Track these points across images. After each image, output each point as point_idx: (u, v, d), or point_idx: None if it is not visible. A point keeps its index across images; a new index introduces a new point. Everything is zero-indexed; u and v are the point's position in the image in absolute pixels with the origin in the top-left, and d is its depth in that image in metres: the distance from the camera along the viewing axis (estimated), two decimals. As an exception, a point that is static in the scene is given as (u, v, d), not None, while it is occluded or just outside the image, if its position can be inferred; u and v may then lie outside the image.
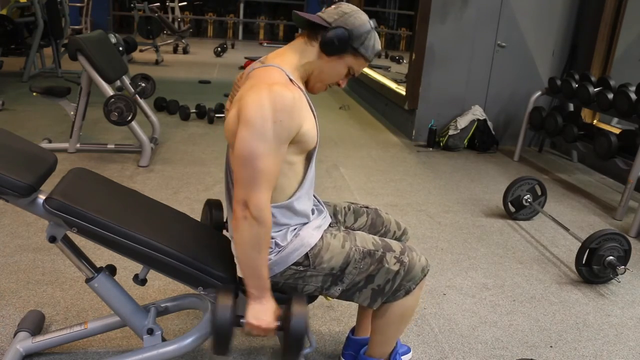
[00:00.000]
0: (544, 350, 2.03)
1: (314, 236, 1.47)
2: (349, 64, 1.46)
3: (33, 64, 6.87)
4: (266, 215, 1.31)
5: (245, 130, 1.29)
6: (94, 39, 3.81)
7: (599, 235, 2.50)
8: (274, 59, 1.43)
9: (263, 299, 1.37)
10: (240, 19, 15.24)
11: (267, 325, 1.37)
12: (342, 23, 1.40)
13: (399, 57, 9.81)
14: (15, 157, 1.46)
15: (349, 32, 1.40)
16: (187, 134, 4.75)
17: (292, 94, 1.31)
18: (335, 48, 1.41)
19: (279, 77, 1.36)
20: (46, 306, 2.05)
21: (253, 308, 1.37)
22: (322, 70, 1.45)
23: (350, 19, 1.41)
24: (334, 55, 1.43)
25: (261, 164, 1.28)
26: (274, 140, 1.29)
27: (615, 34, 4.44)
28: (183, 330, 1.96)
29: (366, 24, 1.43)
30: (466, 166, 4.41)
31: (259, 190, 1.29)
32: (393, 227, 1.76)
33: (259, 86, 1.31)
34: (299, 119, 1.32)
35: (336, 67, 1.46)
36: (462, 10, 4.74)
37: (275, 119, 1.27)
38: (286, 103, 1.29)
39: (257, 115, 1.27)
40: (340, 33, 1.39)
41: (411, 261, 1.51)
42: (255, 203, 1.29)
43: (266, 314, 1.37)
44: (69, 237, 1.53)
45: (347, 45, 1.41)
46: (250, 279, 1.36)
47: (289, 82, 1.37)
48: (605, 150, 3.57)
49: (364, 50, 1.44)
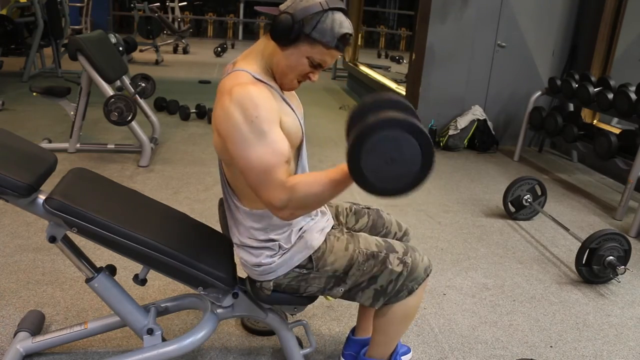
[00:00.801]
0: (544, 350, 2.03)
1: (318, 239, 1.47)
2: (305, 53, 1.32)
3: (33, 64, 6.87)
4: (287, 197, 1.24)
5: (231, 145, 1.27)
6: (94, 39, 3.81)
7: (599, 235, 2.50)
8: (241, 62, 1.40)
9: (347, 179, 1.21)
10: (240, 19, 15.24)
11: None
12: (289, 9, 1.29)
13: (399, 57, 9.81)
14: (15, 157, 1.46)
15: (292, 16, 1.27)
16: (187, 134, 4.75)
17: (255, 87, 1.28)
18: (283, 37, 1.29)
19: (242, 79, 1.33)
20: (46, 306, 2.05)
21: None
22: (280, 63, 1.35)
23: (301, 3, 1.28)
24: (286, 45, 1.31)
25: (263, 163, 1.26)
26: (260, 137, 1.25)
27: (615, 34, 4.44)
28: (183, 330, 1.96)
29: (315, 5, 1.28)
30: (466, 166, 4.41)
31: (270, 189, 1.25)
32: (394, 228, 1.76)
33: (222, 97, 1.29)
34: (273, 106, 1.29)
35: (293, 58, 1.33)
36: (462, 10, 4.74)
37: (251, 118, 1.25)
38: (251, 97, 1.25)
39: (234, 128, 1.26)
40: (283, 19, 1.27)
41: (414, 262, 1.51)
42: (280, 197, 1.24)
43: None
44: (69, 237, 1.53)
45: (294, 31, 1.28)
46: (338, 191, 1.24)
47: (253, 81, 1.33)
48: (605, 150, 3.57)
49: (319, 35, 1.29)
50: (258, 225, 1.45)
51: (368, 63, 7.84)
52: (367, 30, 11.57)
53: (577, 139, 4.01)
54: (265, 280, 1.48)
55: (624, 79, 3.76)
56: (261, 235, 1.45)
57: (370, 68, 7.28)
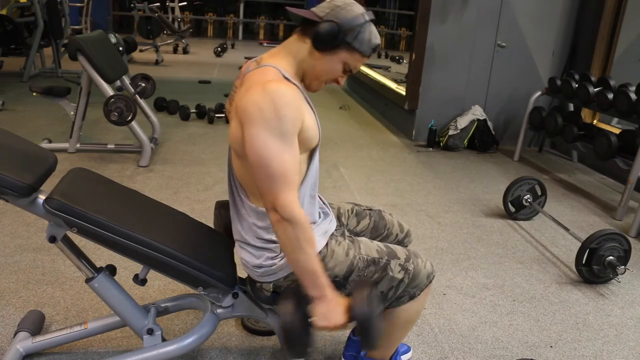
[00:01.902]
0: (544, 350, 2.03)
1: (320, 243, 1.46)
2: (343, 59, 1.39)
3: (33, 64, 6.87)
4: (297, 212, 1.26)
5: (252, 135, 1.26)
6: (94, 39, 3.81)
7: (599, 235, 2.50)
8: (269, 59, 1.41)
9: (326, 298, 1.30)
10: (240, 19, 15.24)
11: (336, 323, 1.30)
12: (332, 17, 1.33)
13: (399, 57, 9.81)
14: (15, 157, 1.46)
15: (339, 25, 1.32)
16: (187, 134, 4.75)
17: (288, 88, 1.29)
18: (326, 43, 1.34)
19: (272, 75, 1.34)
20: (46, 306, 2.05)
21: (319, 309, 1.31)
22: (315, 67, 1.39)
23: (342, 11, 1.34)
24: (325, 51, 1.36)
25: (277, 165, 1.25)
26: (282, 136, 1.26)
27: (615, 34, 4.44)
28: (183, 330, 1.96)
29: (359, 17, 1.35)
30: (466, 166, 4.41)
31: (282, 190, 1.25)
32: (396, 230, 1.75)
33: (254, 88, 1.29)
34: (299, 111, 1.30)
35: (330, 64, 1.39)
36: (462, 10, 4.74)
37: (279, 115, 1.25)
38: (285, 97, 1.26)
39: (259, 117, 1.25)
40: (329, 27, 1.32)
41: (416, 268, 1.51)
42: (282, 204, 1.25)
43: (333, 312, 1.30)
44: (69, 237, 1.53)
45: (338, 39, 1.34)
46: (305, 280, 1.30)
47: (283, 79, 1.34)
48: (605, 150, 3.57)
49: (358, 45, 1.37)
50: (261, 223, 1.44)
51: (368, 63, 7.83)
52: (367, 30, 11.53)
53: (577, 139, 4.01)
54: (265, 282, 1.48)
55: (624, 79, 3.76)
56: (263, 234, 1.45)
57: (371, 68, 7.28)
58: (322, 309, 1.30)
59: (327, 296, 1.31)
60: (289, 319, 1.27)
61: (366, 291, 1.30)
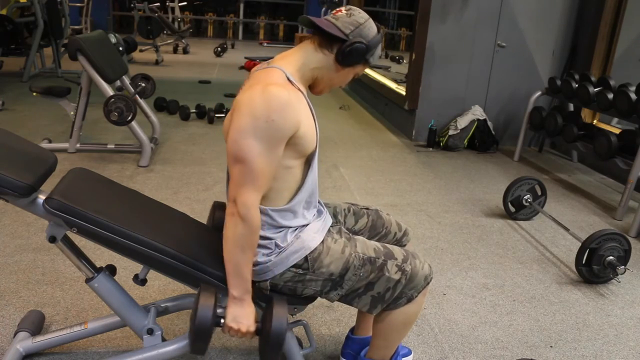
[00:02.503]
0: (544, 350, 2.03)
1: (315, 239, 1.46)
2: (357, 71, 1.50)
3: (33, 64, 6.87)
4: (253, 214, 1.31)
5: (238, 129, 1.29)
6: (94, 39, 3.81)
7: (599, 235, 2.50)
8: (279, 61, 1.43)
9: (244, 302, 1.37)
10: (240, 19, 15.23)
11: (246, 329, 1.37)
12: (358, 35, 1.41)
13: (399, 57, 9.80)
14: (15, 157, 1.46)
15: (367, 46, 1.41)
16: (187, 134, 4.75)
17: (288, 94, 1.30)
18: (354, 61, 1.43)
19: (277, 77, 1.36)
20: (46, 306, 2.05)
21: (233, 311, 1.37)
22: (334, 78, 1.47)
23: (365, 30, 1.42)
24: (349, 66, 1.44)
25: (252, 163, 1.28)
26: (266, 140, 1.28)
27: (615, 34, 4.44)
28: (183, 330, 1.96)
29: (378, 36, 1.45)
30: (466, 166, 4.41)
31: (247, 189, 1.29)
32: (394, 229, 1.75)
33: (255, 87, 1.32)
34: (294, 119, 1.31)
35: (347, 75, 1.49)
36: (462, 10, 4.74)
37: (268, 118, 1.27)
38: (280, 102, 1.28)
39: (250, 115, 1.28)
40: (360, 48, 1.40)
41: (413, 269, 1.50)
42: (243, 201, 1.29)
43: (246, 318, 1.37)
44: (69, 237, 1.53)
45: (364, 58, 1.43)
46: (232, 278, 1.36)
47: (287, 83, 1.36)
48: (605, 150, 3.57)
49: (372, 59, 1.47)
50: None
51: (368, 63, 7.82)
52: (367, 30, 11.53)
53: (577, 139, 4.01)
54: (262, 280, 1.48)
55: (624, 79, 3.77)
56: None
57: (370, 68, 7.28)
58: (237, 312, 1.36)
59: (246, 301, 1.37)
60: (207, 313, 1.30)
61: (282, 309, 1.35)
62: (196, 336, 1.33)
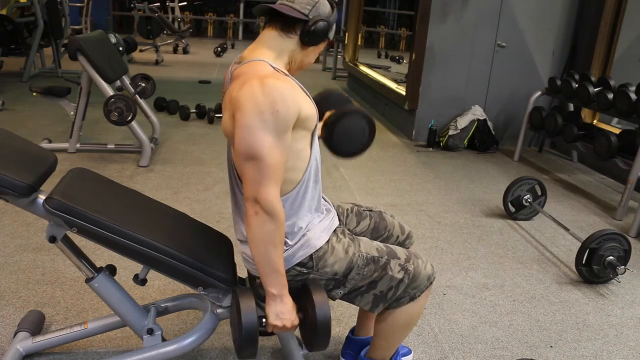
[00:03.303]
0: (544, 350, 2.03)
1: (321, 238, 1.46)
2: (321, 49, 1.51)
3: (33, 64, 6.87)
4: (278, 208, 1.28)
5: (245, 126, 1.27)
6: (94, 39, 3.81)
7: (599, 235, 2.50)
8: (253, 54, 1.41)
9: (283, 297, 1.34)
10: (240, 19, 15.23)
11: (291, 324, 1.35)
12: (316, 13, 1.39)
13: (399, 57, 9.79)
14: (15, 157, 1.46)
15: (329, 23, 1.41)
16: (187, 134, 4.75)
17: (283, 83, 1.30)
18: (319, 39, 1.42)
19: (264, 69, 1.35)
20: (46, 306, 2.05)
21: (275, 309, 1.34)
22: (303, 60, 1.47)
23: (321, 7, 1.40)
24: (315, 45, 1.44)
25: (266, 157, 1.26)
26: (274, 131, 1.27)
27: (615, 34, 4.43)
28: (183, 330, 1.96)
29: (334, 12, 1.45)
30: (466, 166, 4.41)
31: (266, 184, 1.27)
32: (397, 231, 1.75)
33: (250, 81, 1.30)
34: (295, 105, 1.31)
35: (314, 55, 1.50)
36: (462, 10, 4.74)
37: (273, 110, 1.26)
38: (279, 92, 1.28)
39: (254, 110, 1.26)
40: (322, 26, 1.39)
41: (416, 269, 1.50)
42: (265, 197, 1.26)
43: (289, 313, 1.34)
44: (69, 237, 1.53)
45: (327, 35, 1.44)
46: (269, 277, 1.32)
47: (275, 72, 1.36)
48: (605, 150, 3.57)
49: (332, 34, 1.48)
50: None
51: (368, 63, 7.83)
52: (367, 30, 11.54)
53: (577, 139, 4.01)
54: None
55: (624, 79, 3.76)
56: None
57: (371, 68, 7.27)
58: (277, 308, 1.34)
59: (285, 296, 1.34)
60: (252, 317, 1.29)
61: (322, 294, 1.34)
62: (245, 342, 1.30)
